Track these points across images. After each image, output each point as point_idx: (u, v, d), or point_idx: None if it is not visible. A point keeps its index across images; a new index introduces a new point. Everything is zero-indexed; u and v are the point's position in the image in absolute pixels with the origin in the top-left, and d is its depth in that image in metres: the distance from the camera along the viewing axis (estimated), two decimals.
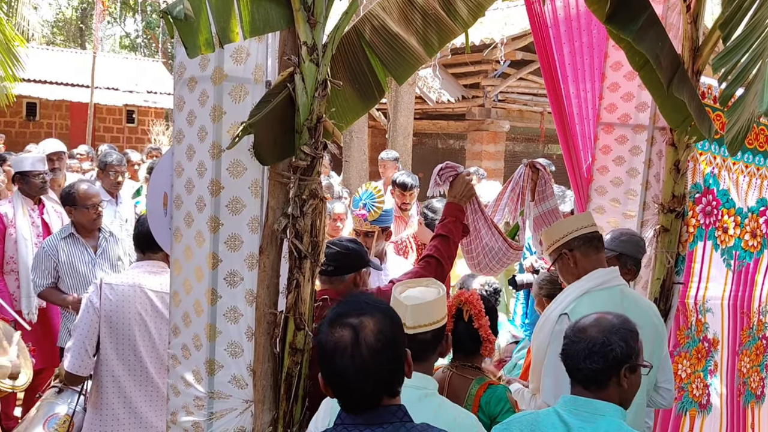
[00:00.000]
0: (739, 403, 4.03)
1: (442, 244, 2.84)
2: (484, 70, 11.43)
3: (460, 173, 3.08)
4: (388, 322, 1.65)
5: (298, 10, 2.10)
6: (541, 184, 3.41)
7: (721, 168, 3.66)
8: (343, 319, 1.64)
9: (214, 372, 2.27)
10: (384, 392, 1.63)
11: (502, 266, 3.33)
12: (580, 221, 2.87)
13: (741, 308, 3.94)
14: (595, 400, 1.94)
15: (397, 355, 1.65)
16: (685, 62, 3.16)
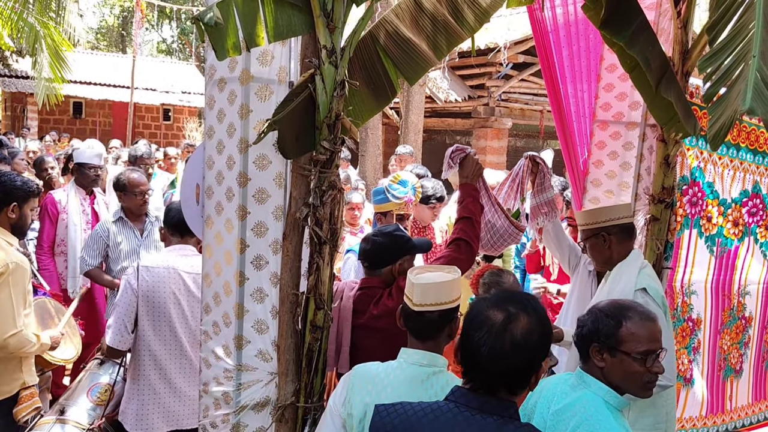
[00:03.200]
0: (719, 377, 4.01)
1: (467, 226, 2.79)
2: (489, 72, 11.36)
3: (468, 153, 3.05)
4: (539, 329, 1.59)
5: (318, 17, 2.09)
6: (540, 177, 3.38)
7: (707, 162, 3.62)
8: (506, 304, 1.59)
9: (242, 347, 2.28)
10: (504, 386, 1.57)
11: (503, 245, 3.28)
12: (622, 211, 2.95)
13: (723, 291, 3.91)
14: (585, 373, 1.94)
15: (532, 359, 1.58)
16: (675, 64, 3.12)
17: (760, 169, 3.95)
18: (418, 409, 1.59)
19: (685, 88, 3.16)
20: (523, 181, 3.35)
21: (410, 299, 2.01)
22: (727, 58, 1.70)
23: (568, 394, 1.89)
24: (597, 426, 1.77)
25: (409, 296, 2.01)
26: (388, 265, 2.67)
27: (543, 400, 1.90)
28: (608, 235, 2.88)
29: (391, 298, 2.56)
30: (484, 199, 3.11)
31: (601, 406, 1.84)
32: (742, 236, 3.93)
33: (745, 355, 4.17)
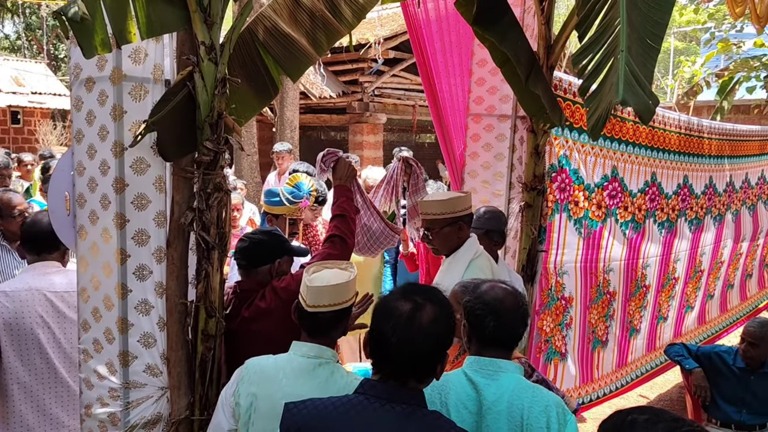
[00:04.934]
0: (588, 349, 4.29)
1: (341, 223, 2.80)
2: (362, 68, 11.44)
3: (340, 157, 3.06)
4: (445, 318, 1.63)
5: (194, 12, 1.98)
6: (414, 178, 3.43)
7: (572, 150, 3.84)
8: (412, 295, 1.62)
9: (129, 363, 2.14)
10: (413, 375, 1.60)
11: (380, 247, 3.32)
12: (470, 200, 3.03)
13: (590, 269, 4.16)
14: (498, 359, 1.96)
15: (439, 348, 1.62)
16: (540, 59, 3.27)
17: (617, 155, 4.26)
18: (328, 403, 1.59)
19: (550, 81, 3.32)
20: (398, 182, 3.40)
21: (304, 300, 2.00)
22: (598, 53, 1.80)
23: (491, 384, 1.91)
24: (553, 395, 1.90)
25: (303, 297, 2.01)
26: (266, 264, 2.61)
27: (454, 397, 1.92)
28: (463, 224, 2.97)
29: (263, 300, 2.50)
30: (359, 202, 3.13)
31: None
32: (605, 218, 4.22)
33: (610, 327, 4.49)
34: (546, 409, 1.85)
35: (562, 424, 1.83)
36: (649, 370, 5.00)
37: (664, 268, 4.99)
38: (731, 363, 3.78)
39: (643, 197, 4.55)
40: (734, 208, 6.08)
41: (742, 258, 6.52)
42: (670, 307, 5.26)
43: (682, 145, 5.00)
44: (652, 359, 5.04)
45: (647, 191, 4.58)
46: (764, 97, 13.93)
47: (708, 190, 5.47)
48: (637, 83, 1.66)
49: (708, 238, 5.60)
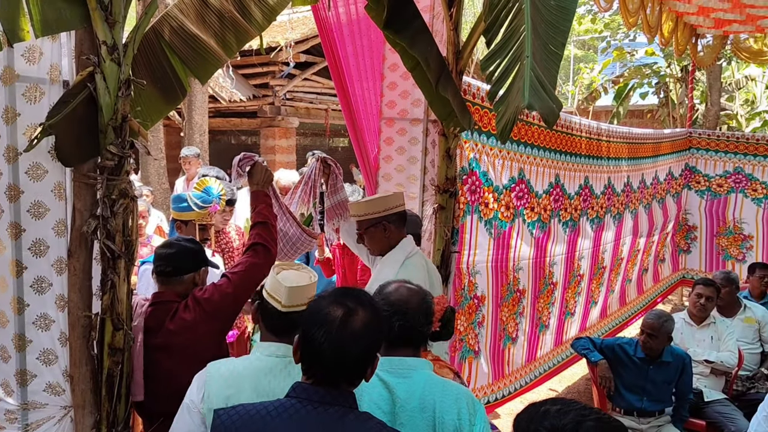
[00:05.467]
0: (500, 346, 4.41)
1: (263, 230, 2.73)
2: (272, 71, 11.29)
3: (257, 161, 3.00)
4: (376, 323, 1.63)
5: (94, 9, 1.88)
6: (333, 179, 3.42)
7: (481, 153, 3.94)
8: (344, 299, 1.61)
9: (27, 382, 2.00)
10: (345, 378, 1.60)
11: (297, 252, 3.29)
12: (397, 199, 3.08)
13: (501, 268, 4.29)
14: (407, 357, 1.99)
15: (371, 352, 1.62)
16: (449, 64, 3.34)
17: (523, 158, 4.41)
18: (260, 407, 1.57)
19: (459, 86, 3.40)
20: (316, 183, 3.37)
21: (278, 301, 2.01)
22: (504, 59, 1.86)
23: (403, 383, 1.94)
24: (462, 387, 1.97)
25: (277, 298, 2.02)
26: (191, 272, 2.53)
27: (367, 398, 1.92)
28: (388, 224, 3.02)
29: (188, 311, 2.41)
30: (276, 207, 3.08)
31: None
32: (513, 218, 4.36)
33: (520, 323, 4.63)
34: (456, 401, 1.91)
35: (472, 413, 1.90)
36: (557, 364, 5.21)
37: (569, 266, 5.21)
38: (632, 354, 4.00)
39: (548, 198, 4.73)
40: (632, 207, 6.44)
41: (640, 254, 6.91)
42: (577, 302, 5.50)
43: (584, 148, 5.24)
44: (560, 353, 5.25)
45: (552, 192, 4.77)
46: (656, 103, 14.86)
47: (607, 191, 5.77)
48: (542, 88, 1.72)
49: (608, 236, 5.90)
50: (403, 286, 2.10)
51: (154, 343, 2.37)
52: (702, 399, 4.35)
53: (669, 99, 14.03)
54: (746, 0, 6.20)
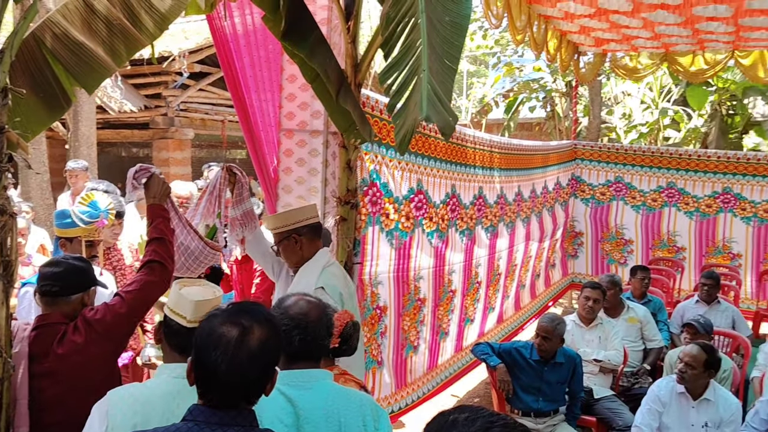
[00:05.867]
0: (402, 355, 4.46)
1: (160, 247, 2.62)
2: (165, 81, 10.90)
3: (154, 174, 2.88)
4: (274, 339, 1.58)
5: None
6: (239, 188, 3.35)
7: (381, 164, 3.99)
8: (237, 318, 1.54)
9: None
10: (243, 397, 1.55)
11: (201, 266, 3.18)
12: (309, 212, 3.08)
13: (402, 278, 4.34)
14: (309, 369, 1.97)
15: (269, 369, 1.58)
16: (348, 76, 3.36)
17: (421, 169, 4.50)
18: None
19: (358, 98, 3.42)
20: (221, 193, 3.28)
21: (183, 317, 1.94)
22: (402, 72, 1.89)
23: (305, 395, 1.92)
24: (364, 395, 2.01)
25: (181, 313, 1.95)
26: (79, 292, 2.38)
27: (269, 413, 1.88)
28: (299, 236, 3.03)
29: (78, 333, 2.28)
30: (175, 220, 2.97)
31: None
32: (413, 228, 4.43)
33: (421, 332, 4.71)
34: (360, 409, 1.93)
35: (376, 419, 1.93)
36: (458, 370, 5.33)
37: (467, 274, 5.36)
38: (528, 356, 4.16)
39: (445, 208, 4.85)
40: (523, 216, 6.72)
41: (532, 260, 7.23)
42: (476, 309, 5.66)
43: (478, 160, 5.43)
44: (460, 359, 5.38)
45: (448, 202, 4.90)
46: (543, 116, 15.65)
47: (500, 200, 5.99)
48: (439, 101, 1.77)
49: (503, 243, 6.13)
50: (302, 299, 2.08)
51: (40, 370, 2.21)
52: (592, 396, 4.59)
53: (555, 112, 14.82)
54: (622, 21, 6.67)
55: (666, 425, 3.77)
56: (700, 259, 8.45)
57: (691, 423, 3.70)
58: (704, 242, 8.45)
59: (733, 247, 8.32)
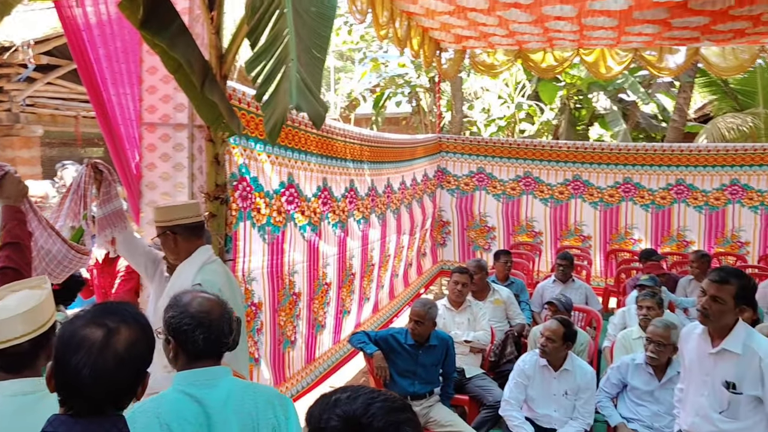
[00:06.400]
0: (280, 350, 4.43)
1: (14, 252, 2.41)
2: (7, 74, 9.99)
3: (8, 172, 2.64)
4: (144, 339, 1.49)
5: None
6: (106, 186, 3.15)
7: (250, 159, 3.92)
8: (101, 319, 1.44)
9: None
10: (112, 403, 1.45)
11: (66, 271, 2.96)
12: (187, 211, 2.96)
13: (276, 274, 4.31)
14: (211, 367, 1.93)
15: (139, 372, 1.49)
16: (213, 68, 3.26)
17: (291, 162, 4.48)
18: None
19: (224, 90, 3.34)
20: (86, 192, 3.07)
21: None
22: (270, 61, 1.87)
23: (212, 393, 1.88)
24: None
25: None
26: None
27: (175, 416, 1.80)
28: (174, 234, 2.92)
29: None
30: (34, 222, 2.74)
31: None
32: (286, 223, 4.40)
33: (297, 326, 4.70)
34: (269, 401, 1.94)
35: (284, 409, 1.95)
36: (337, 361, 5.38)
37: (342, 266, 5.41)
38: (403, 341, 4.28)
39: (317, 201, 4.87)
40: (394, 207, 6.89)
41: (404, 250, 7.43)
42: (352, 300, 5.73)
43: (348, 153, 5.49)
44: (339, 351, 5.43)
45: (320, 195, 4.92)
46: (409, 111, 16.08)
47: (371, 192, 6.10)
48: (308, 90, 1.77)
49: (375, 234, 6.25)
50: (199, 296, 2.01)
51: None
52: (464, 376, 4.81)
53: (420, 107, 15.30)
54: (479, 19, 7.01)
55: (531, 397, 4.04)
56: (555, 241, 9.10)
57: (553, 393, 3.99)
58: (558, 226, 9.11)
59: (584, 229, 9.05)
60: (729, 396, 2.89)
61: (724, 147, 9.01)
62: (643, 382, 3.94)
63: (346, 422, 1.14)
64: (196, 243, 2.96)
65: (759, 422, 2.88)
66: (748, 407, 2.88)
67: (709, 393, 2.97)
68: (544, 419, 3.99)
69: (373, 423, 1.13)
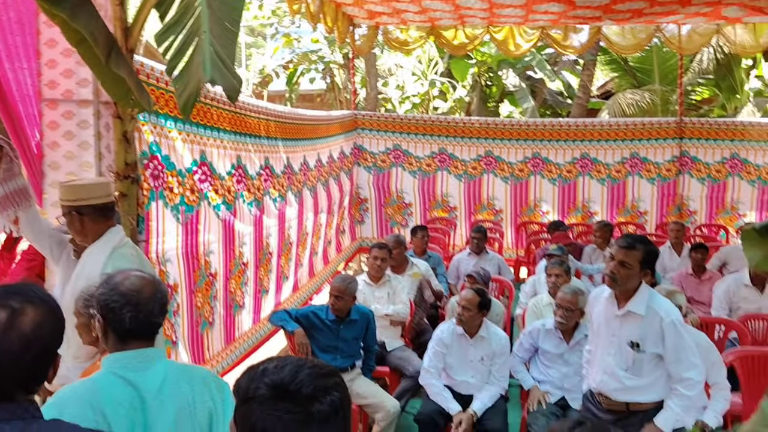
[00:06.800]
0: (198, 332, 4.37)
1: None
2: None
3: None
4: (52, 320, 1.43)
5: None
6: (7, 162, 2.97)
7: (161, 136, 3.80)
8: (4, 299, 1.37)
9: None
10: (21, 387, 1.39)
11: None
12: (98, 190, 2.83)
13: (192, 254, 4.21)
14: (144, 349, 1.88)
15: (48, 354, 1.43)
16: (119, 41, 3.13)
17: (204, 140, 4.37)
18: None
19: (132, 65, 3.21)
20: None
21: None
22: (181, 33, 1.82)
23: (146, 375, 1.83)
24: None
25: None
26: None
27: (109, 400, 1.75)
28: (79, 215, 2.79)
29: None
30: None
31: None
32: (199, 202, 4.31)
33: (215, 307, 4.63)
34: (205, 382, 1.92)
35: (220, 391, 1.94)
36: (258, 341, 5.35)
37: (258, 245, 5.36)
38: (324, 317, 4.31)
39: (231, 179, 4.79)
40: (310, 185, 6.87)
41: (323, 228, 7.44)
42: (270, 280, 5.69)
43: (263, 130, 5.42)
44: (259, 330, 5.40)
45: (234, 173, 4.83)
46: (324, 87, 15.97)
47: (287, 170, 6.06)
48: (222, 63, 1.74)
49: (292, 213, 6.22)
50: (134, 275, 1.95)
51: None
52: (385, 349, 4.91)
53: (335, 84, 15.21)
54: None
55: (450, 364, 4.18)
56: (469, 216, 9.37)
57: (470, 359, 4.15)
58: (472, 201, 9.38)
59: (496, 204, 9.36)
60: (633, 355, 3.11)
61: (624, 122, 9.53)
62: (553, 345, 4.16)
63: (275, 390, 1.15)
64: (106, 224, 2.84)
65: (659, 378, 3.13)
66: (650, 365, 3.11)
67: (616, 352, 3.18)
68: (462, 385, 4.15)
69: (302, 389, 1.15)
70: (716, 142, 9.17)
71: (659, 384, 3.13)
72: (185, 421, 1.86)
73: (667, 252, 6.88)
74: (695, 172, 9.25)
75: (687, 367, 3.05)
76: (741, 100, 13.93)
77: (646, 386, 3.14)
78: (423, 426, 3.97)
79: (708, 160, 9.22)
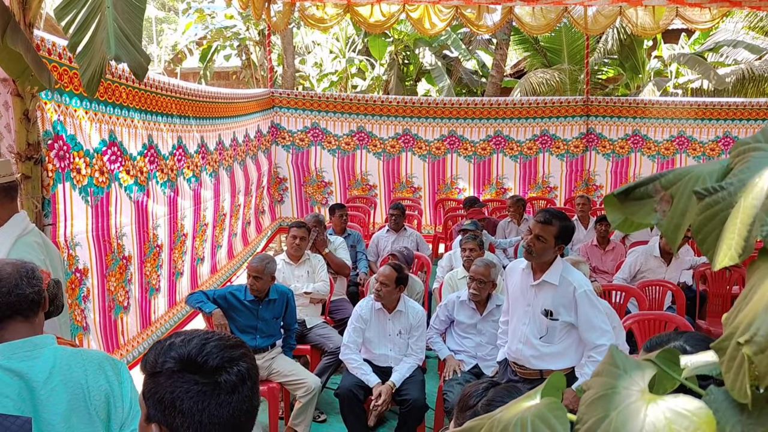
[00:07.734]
0: (111, 317, 4.26)
1: None
2: None
3: None
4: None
5: None
6: None
7: (65, 115, 3.65)
8: None
9: None
10: None
11: None
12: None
13: (103, 237, 4.09)
14: (31, 337, 1.82)
15: None
16: (15, 14, 2.98)
17: (113, 119, 4.23)
18: None
19: (31, 39, 3.06)
20: None
21: None
22: (83, 8, 1.77)
23: (34, 364, 1.77)
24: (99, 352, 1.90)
25: None
26: None
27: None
28: None
29: None
30: None
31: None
32: (110, 183, 4.18)
33: (130, 291, 4.53)
34: (100, 366, 1.88)
35: (117, 373, 1.89)
36: (176, 324, 5.27)
37: (173, 226, 5.25)
38: (243, 298, 4.30)
39: (144, 160, 4.66)
40: (226, 165, 6.76)
41: (241, 209, 7.35)
42: (184, 262, 5.59)
43: (175, 109, 5.28)
44: (176, 313, 5.31)
45: (146, 153, 4.71)
46: (239, 65, 15.61)
47: (201, 149, 5.94)
48: (128, 40, 1.71)
49: (207, 193, 6.11)
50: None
51: None
52: (306, 327, 4.95)
53: (251, 61, 14.90)
54: None
55: (369, 339, 4.28)
56: (389, 194, 9.48)
57: (388, 333, 4.26)
58: (392, 179, 9.50)
59: (414, 181, 9.52)
60: (547, 323, 3.30)
61: (535, 100, 9.86)
62: (467, 316, 4.33)
63: (182, 363, 1.17)
64: (9, 207, 2.71)
65: (571, 344, 3.33)
66: (563, 332, 3.31)
67: (530, 321, 3.36)
68: (381, 358, 4.26)
69: (209, 361, 1.18)
70: (620, 119, 9.66)
71: (570, 351, 3.34)
72: (80, 407, 1.81)
73: (575, 225, 7.24)
74: (600, 149, 9.72)
75: (599, 335, 3.25)
76: (642, 80, 14.69)
77: (559, 353, 3.33)
78: (343, 400, 4.05)
79: (612, 137, 9.70)
